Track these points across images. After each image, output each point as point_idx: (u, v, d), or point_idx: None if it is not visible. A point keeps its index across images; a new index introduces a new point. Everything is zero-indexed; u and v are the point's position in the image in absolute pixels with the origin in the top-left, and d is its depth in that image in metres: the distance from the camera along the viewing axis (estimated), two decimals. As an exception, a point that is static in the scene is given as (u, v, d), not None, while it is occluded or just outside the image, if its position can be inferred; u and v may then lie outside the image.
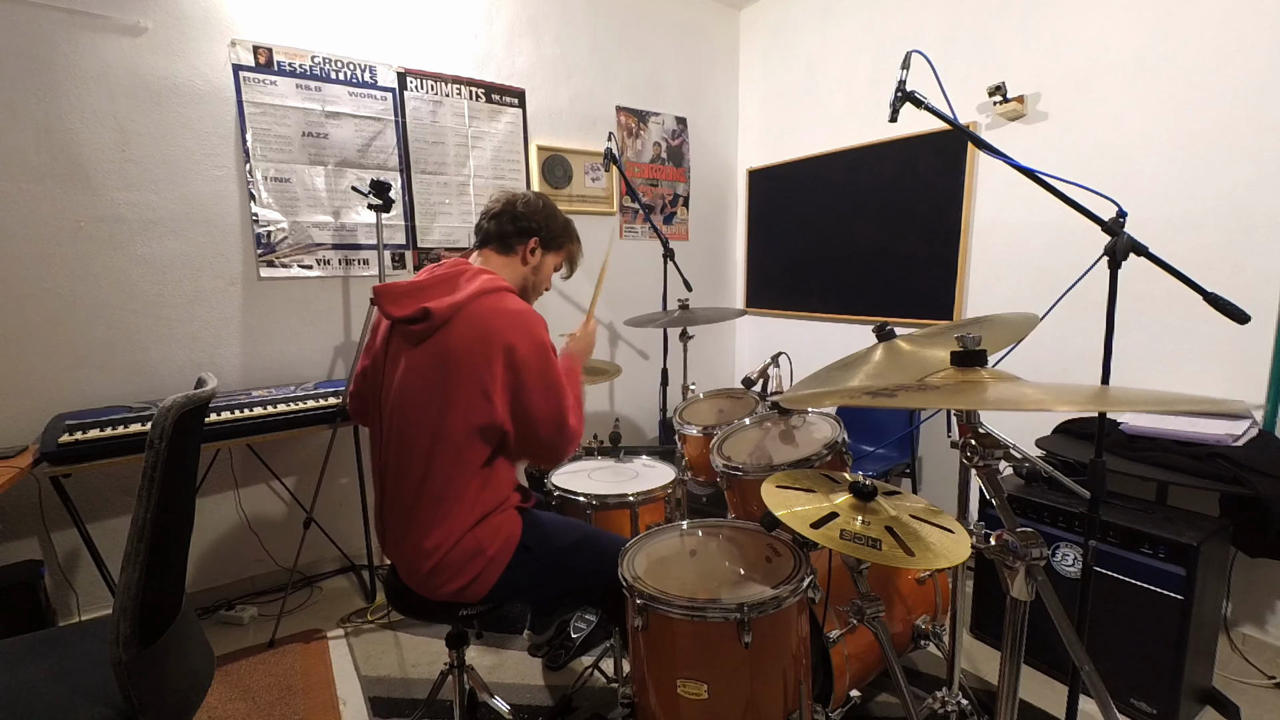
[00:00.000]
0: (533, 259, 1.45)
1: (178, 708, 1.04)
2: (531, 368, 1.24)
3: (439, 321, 1.22)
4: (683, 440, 2.07)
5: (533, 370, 1.24)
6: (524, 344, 1.24)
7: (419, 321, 1.23)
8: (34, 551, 2.08)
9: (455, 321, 1.23)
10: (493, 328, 1.23)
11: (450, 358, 1.22)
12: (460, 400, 1.22)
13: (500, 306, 1.26)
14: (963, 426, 1.04)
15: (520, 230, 1.42)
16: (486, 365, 1.21)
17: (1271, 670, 1.86)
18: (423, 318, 1.22)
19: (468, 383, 1.22)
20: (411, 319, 1.23)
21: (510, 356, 1.22)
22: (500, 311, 1.25)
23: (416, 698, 1.82)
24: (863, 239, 3.03)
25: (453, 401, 1.22)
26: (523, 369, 1.23)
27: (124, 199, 2.12)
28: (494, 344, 1.22)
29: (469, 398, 1.22)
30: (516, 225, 1.42)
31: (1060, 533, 1.79)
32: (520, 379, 1.24)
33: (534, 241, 1.44)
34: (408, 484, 1.27)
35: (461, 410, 1.22)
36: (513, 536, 1.32)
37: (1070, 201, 1.26)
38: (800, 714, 1.21)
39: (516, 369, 1.23)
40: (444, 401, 1.22)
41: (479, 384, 1.22)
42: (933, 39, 2.63)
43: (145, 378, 2.21)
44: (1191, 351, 2.00)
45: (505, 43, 2.84)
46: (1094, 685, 1.05)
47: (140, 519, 0.90)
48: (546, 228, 1.45)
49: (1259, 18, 1.81)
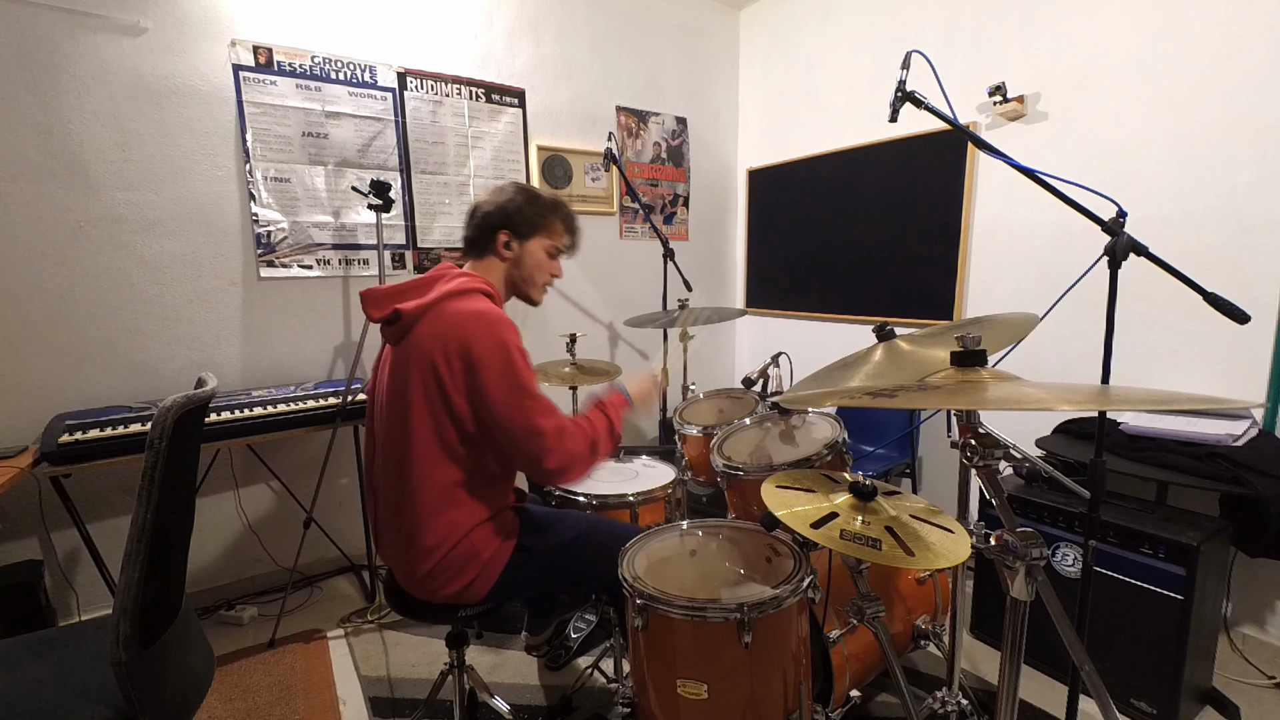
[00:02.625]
0: (509, 252, 1.40)
1: (178, 708, 1.04)
2: (490, 367, 1.20)
3: (408, 322, 1.25)
4: (683, 440, 2.06)
5: (492, 369, 1.20)
6: (481, 343, 1.20)
7: (391, 323, 1.27)
8: (34, 551, 2.08)
9: (421, 322, 1.25)
10: (451, 326, 1.22)
11: (413, 357, 1.23)
12: (425, 402, 1.22)
13: (464, 307, 1.25)
14: (963, 426, 1.03)
15: (485, 229, 1.39)
16: (445, 363, 1.20)
17: (1271, 670, 1.86)
18: (394, 319, 1.26)
19: (429, 381, 1.22)
20: (386, 320, 1.27)
21: (467, 356, 1.20)
22: (461, 312, 1.24)
23: (416, 698, 1.82)
24: (863, 239, 3.03)
25: (422, 403, 1.22)
26: (480, 367, 1.20)
27: (124, 199, 2.12)
28: (451, 343, 1.21)
29: (430, 398, 1.22)
30: (480, 226, 1.39)
31: (1060, 533, 1.79)
32: (478, 380, 1.20)
33: (503, 235, 1.38)
34: (392, 486, 1.28)
35: (426, 411, 1.22)
36: (509, 537, 1.32)
37: (1070, 201, 1.26)
38: (800, 714, 1.21)
39: (473, 367, 1.20)
40: (410, 402, 1.23)
41: (438, 383, 1.21)
42: (933, 39, 2.63)
43: (145, 378, 2.21)
44: (1191, 351, 2.00)
45: (505, 43, 2.84)
46: (1094, 685, 1.05)
47: (140, 519, 0.90)
48: (513, 216, 1.38)
49: (1259, 18, 1.81)
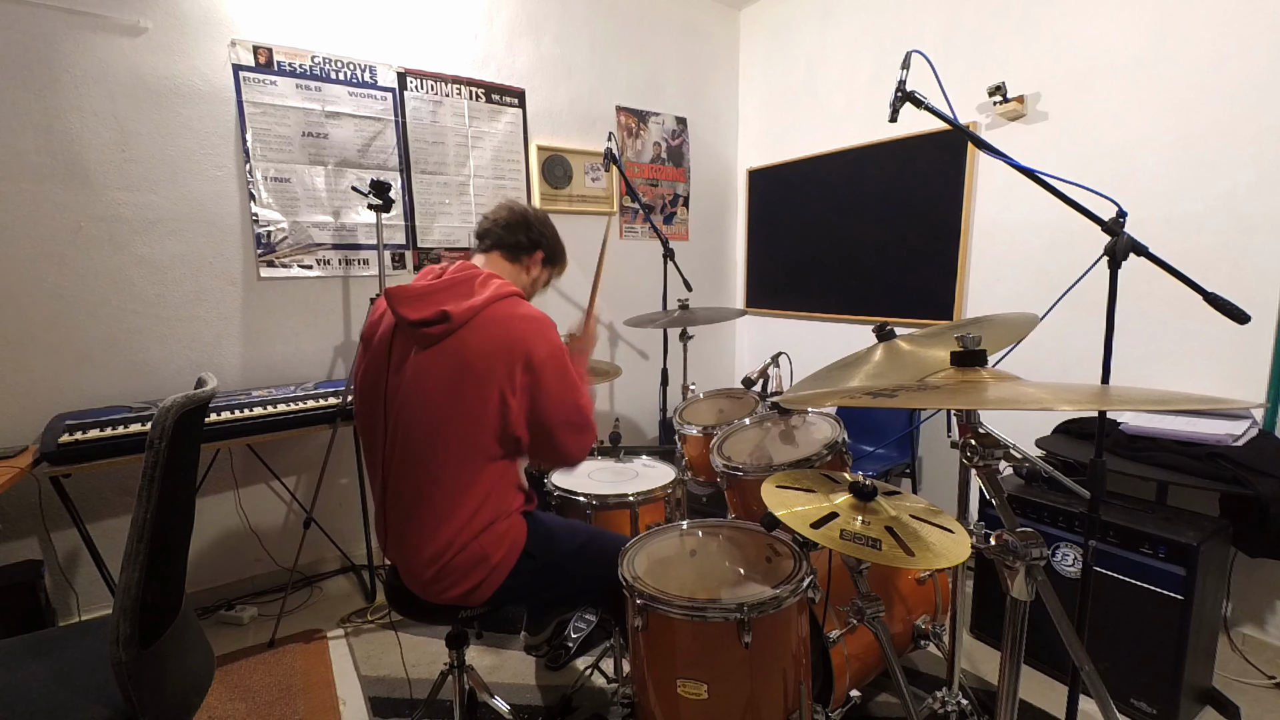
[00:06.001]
0: (533, 271, 1.49)
1: (178, 708, 1.04)
2: (549, 371, 1.26)
3: (457, 324, 1.23)
4: (683, 440, 2.07)
5: (550, 374, 1.26)
6: (541, 348, 1.26)
7: (436, 324, 1.23)
8: (34, 551, 2.08)
9: (473, 325, 1.24)
10: (513, 333, 1.24)
11: (468, 361, 1.22)
12: (477, 404, 1.22)
13: (517, 312, 1.28)
14: (963, 426, 1.04)
15: (531, 242, 1.47)
16: (507, 371, 1.23)
17: (1271, 670, 1.86)
18: (441, 320, 1.22)
19: (487, 387, 1.22)
20: (428, 321, 1.23)
21: (529, 361, 1.24)
22: (517, 317, 1.27)
23: (416, 698, 1.82)
24: (863, 239, 3.03)
25: (469, 405, 1.22)
26: (541, 373, 1.25)
27: (124, 199, 2.12)
28: (515, 350, 1.23)
29: (486, 401, 1.22)
30: (529, 237, 1.46)
31: (1060, 533, 1.79)
32: (538, 382, 1.25)
33: (540, 254, 1.49)
34: (411, 486, 1.27)
35: (477, 414, 1.23)
36: (517, 543, 1.32)
37: (1070, 201, 1.26)
38: (800, 714, 1.21)
39: (535, 373, 1.25)
40: (459, 405, 1.22)
41: (497, 388, 1.22)
42: (933, 39, 2.63)
43: (145, 378, 2.21)
44: (1191, 351, 2.00)
45: (505, 43, 2.84)
46: (1094, 685, 1.05)
47: (140, 519, 0.90)
48: (552, 245, 1.51)
49: (1259, 18, 1.81)
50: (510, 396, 1.23)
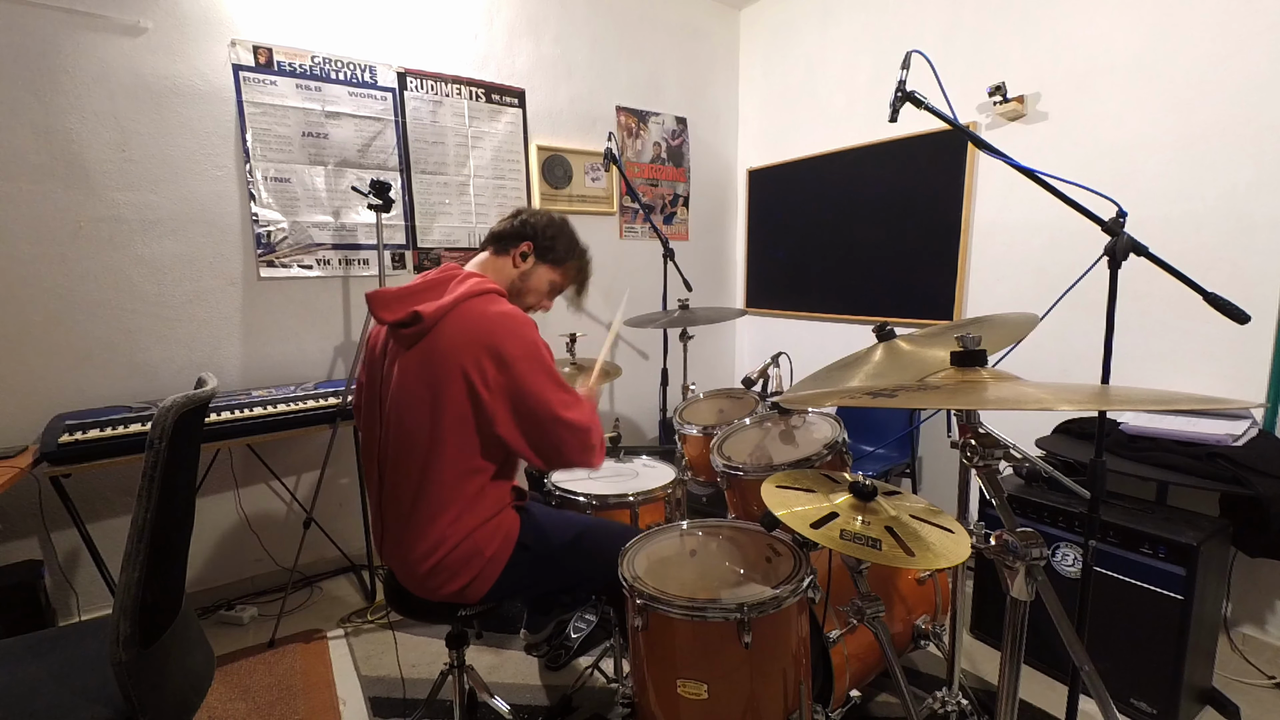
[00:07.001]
0: (523, 264, 1.43)
1: (178, 708, 1.04)
2: (524, 363, 1.23)
3: (428, 324, 1.23)
4: (683, 440, 2.06)
5: (526, 365, 1.23)
6: (513, 345, 1.22)
7: (409, 325, 1.24)
8: (34, 551, 2.08)
9: (443, 324, 1.24)
10: (479, 327, 1.23)
11: (437, 359, 1.22)
12: (449, 403, 1.22)
13: (489, 309, 1.26)
14: (963, 426, 1.03)
15: (516, 233, 1.43)
16: (474, 362, 1.21)
17: (1271, 670, 1.86)
18: (412, 321, 1.23)
19: (455, 385, 1.21)
20: (402, 323, 1.24)
21: (498, 355, 1.21)
22: (487, 313, 1.25)
23: (416, 698, 1.82)
24: (863, 239, 3.03)
25: (442, 404, 1.22)
26: (515, 368, 1.22)
27: (124, 199, 2.12)
28: (479, 343, 1.21)
29: (456, 401, 1.22)
30: (515, 228, 1.44)
31: (1060, 533, 1.79)
32: (517, 381, 1.22)
33: (526, 245, 1.42)
34: (405, 487, 1.27)
35: (456, 412, 1.22)
36: (511, 536, 1.32)
37: (1070, 201, 1.26)
38: (800, 714, 1.21)
39: (510, 370, 1.22)
40: (438, 404, 1.22)
41: (465, 383, 1.21)
42: (933, 39, 2.63)
43: (145, 378, 2.21)
44: (1191, 351, 2.00)
45: (505, 43, 2.84)
46: (1094, 685, 1.05)
47: (140, 519, 0.90)
48: (543, 236, 1.43)
49: (1258, 18, 1.81)
50: (483, 390, 1.21)
